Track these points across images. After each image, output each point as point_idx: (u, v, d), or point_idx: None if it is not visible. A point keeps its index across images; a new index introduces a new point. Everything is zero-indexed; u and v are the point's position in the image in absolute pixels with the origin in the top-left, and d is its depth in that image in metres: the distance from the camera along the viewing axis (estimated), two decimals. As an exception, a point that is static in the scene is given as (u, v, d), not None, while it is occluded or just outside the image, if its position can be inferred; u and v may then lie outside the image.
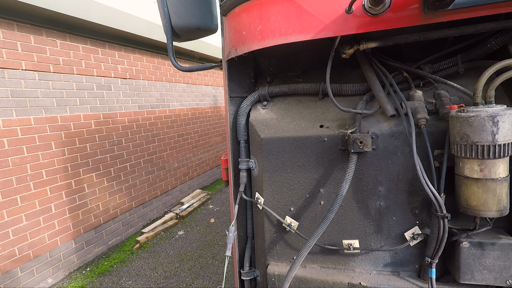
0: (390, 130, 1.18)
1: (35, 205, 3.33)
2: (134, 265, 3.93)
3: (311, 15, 1.08)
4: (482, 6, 0.96)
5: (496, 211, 1.00)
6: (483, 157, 0.97)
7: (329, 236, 1.35)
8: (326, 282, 1.32)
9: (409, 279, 1.24)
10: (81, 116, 3.87)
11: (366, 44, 1.19)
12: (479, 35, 1.22)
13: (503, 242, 1.06)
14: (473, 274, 1.10)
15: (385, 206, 1.24)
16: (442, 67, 1.27)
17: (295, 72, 1.55)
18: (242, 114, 1.47)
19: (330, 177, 1.30)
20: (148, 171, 5.11)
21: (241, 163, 1.48)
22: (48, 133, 3.46)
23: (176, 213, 5.35)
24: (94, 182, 4.09)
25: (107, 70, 4.29)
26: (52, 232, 3.52)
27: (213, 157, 7.50)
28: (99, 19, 3.76)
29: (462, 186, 1.06)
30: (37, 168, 3.35)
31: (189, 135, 6.39)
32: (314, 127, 1.31)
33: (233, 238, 1.40)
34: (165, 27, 1.47)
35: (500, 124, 0.93)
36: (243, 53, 1.26)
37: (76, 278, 3.66)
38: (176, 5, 1.43)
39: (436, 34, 1.11)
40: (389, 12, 1.01)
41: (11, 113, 3.09)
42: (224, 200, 6.10)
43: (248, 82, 1.56)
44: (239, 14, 1.26)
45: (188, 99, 6.37)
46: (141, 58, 4.98)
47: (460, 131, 1.00)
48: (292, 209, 1.38)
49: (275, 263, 1.47)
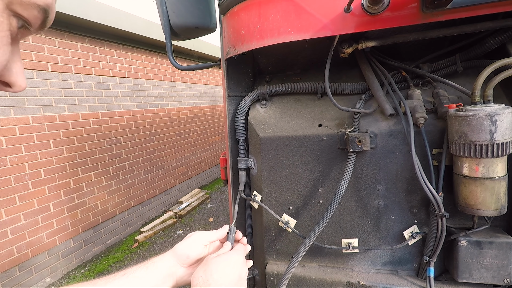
0: (389, 129, 1.19)
1: (34, 204, 3.32)
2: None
3: (310, 14, 1.08)
4: (480, 5, 0.96)
5: (494, 210, 1.01)
6: (481, 156, 0.97)
7: (328, 235, 1.35)
8: (325, 281, 1.32)
9: (408, 278, 1.24)
10: (79, 115, 3.86)
11: (364, 43, 1.19)
12: (478, 34, 1.22)
13: (501, 241, 1.07)
14: (471, 272, 1.10)
15: (383, 205, 1.25)
16: (440, 66, 1.28)
17: (294, 71, 1.55)
18: (241, 113, 1.47)
19: (328, 176, 1.30)
20: (146, 170, 5.10)
21: (240, 162, 1.48)
22: (46, 132, 3.45)
23: (175, 212, 5.35)
24: (93, 181, 4.08)
25: (105, 69, 4.28)
26: (50, 231, 3.51)
27: (212, 156, 7.50)
28: (97, 18, 3.75)
29: (461, 185, 1.06)
30: (35, 167, 3.34)
31: (187, 134, 6.38)
32: (313, 126, 1.31)
33: (233, 238, 1.40)
34: (164, 26, 1.46)
35: (498, 123, 0.93)
36: (242, 52, 1.25)
37: (74, 277, 3.65)
38: (175, 4, 1.43)
39: (435, 33, 1.11)
40: (388, 11, 1.01)
41: (9, 112, 3.08)
42: (223, 199, 6.10)
43: (247, 81, 1.56)
44: (238, 13, 1.26)
45: (186, 98, 6.36)
46: (139, 57, 4.97)
47: (458, 130, 1.01)
48: (291, 208, 1.38)
49: (274, 262, 1.47)
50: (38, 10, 0.37)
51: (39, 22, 0.39)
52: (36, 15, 0.38)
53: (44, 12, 0.38)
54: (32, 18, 0.37)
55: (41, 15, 0.38)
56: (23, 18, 0.37)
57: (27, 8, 0.36)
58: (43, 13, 0.38)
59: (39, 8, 0.37)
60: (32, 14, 0.37)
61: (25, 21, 0.37)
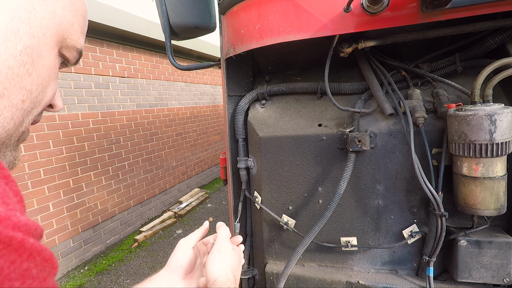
0: (388, 129, 1.19)
1: (33, 204, 3.32)
2: (132, 264, 3.93)
3: (309, 13, 1.08)
4: (479, 5, 0.96)
5: (494, 209, 1.01)
6: (480, 155, 0.97)
7: (328, 235, 1.35)
8: (325, 280, 1.32)
9: (407, 278, 1.24)
10: (79, 115, 3.86)
11: (364, 43, 1.19)
12: (477, 34, 1.22)
13: (500, 241, 1.07)
14: (470, 272, 1.10)
15: (383, 205, 1.25)
16: (440, 66, 1.28)
17: (294, 70, 1.55)
18: (241, 112, 1.46)
19: (328, 176, 1.30)
20: (146, 170, 5.10)
21: (240, 162, 1.48)
22: (46, 132, 3.45)
23: (175, 212, 5.35)
24: (92, 181, 4.08)
25: (105, 68, 4.27)
26: (50, 231, 3.51)
27: (212, 156, 7.49)
28: (97, 18, 3.74)
29: (460, 184, 1.06)
30: (35, 167, 3.34)
31: (187, 134, 6.38)
32: (312, 126, 1.31)
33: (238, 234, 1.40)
34: (163, 25, 1.46)
35: (498, 122, 0.93)
36: (241, 52, 1.25)
37: (74, 277, 3.65)
38: (174, 4, 1.43)
39: (434, 33, 1.11)
40: (387, 10, 1.01)
41: (8, 112, 3.07)
42: (222, 199, 6.10)
43: (246, 81, 1.56)
44: (237, 12, 1.26)
45: (186, 97, 6.36)
46: (139, 56, 4.96)
47: (458, 129, 1.01)
48: (291, 207, 1.38)
49: (273, 262, 1.47)
50: (77, 52, 0.49)
51: (75, 61, 0.50)
52: (75, 55, 0.49)
53: (80, 53, 0.50)
54: (71, 58, 0.48)
55: (77, 55, 0.50)
56: (65, 58, 0.47)
57: (70, 50, 0.47)
58: (79, 54, 0.50)
59: (77, 50, 0.49)
60: (72, 55, 0.48)
61: (65, 60, 0.48)
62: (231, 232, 0.88)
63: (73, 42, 0.46)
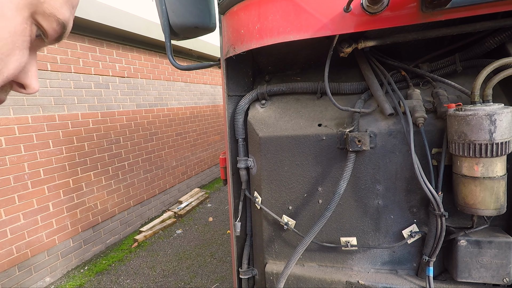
0: (388, 128, 1.19)
1: (33, 204, 3.32)
2: (132, 263, 3.93)
3: (309, 13, 1.08)
4: (479, 5, 0.96)
5: (494, 209, 1.01)
6: (480, 155, 0.97)
7: (327, 235, 1.35)
8: (324, 280, 1.32)
9: (407, 277, 1.24)
10: (79, 115, 3.86)
11: (364, 43, 1.19)
12: (477, 34, 1.22)
13: (500, 241, 1.07)
14: (470, 272, 1.11)
15: (383, 205, 1.25)
16: (440, 66, 1.28)
17: (294, 70, 1.55)
18: (240, 112, 1.46)
19: (328, 176, 1.30)
20: (146, 170, 5.10)
21: (240, 161, 1.48)
22: (45, 132, 3.45)
23: (175, 212, 5.35)
24: (92, 181, 4.08)
25: (104, 68, 4.27)
26: (50, 231, 3.51)
27: (212, 155, 7.49)
28: (97, 18, 3.74)
29: (460, 184, 1.06)
30: (35, 167, 3.34)
31: (187, 134, 6.38)
32: (312, 126, 1.31)
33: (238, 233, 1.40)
34: (163, 25, 1.46)
35: (498, 122, 0.94)
36: (241, 52, 1.25)
37: (74, 277, 3.65)
38: (174, 4, 1.43)
39: (434, 33, 1.11)
40: (387, 10, 1.01)
41: (8, 112, 3.07)
42: (222, 199, 6.10)
43: (246, 81, 1.56)
44: (237, 12, 1.26)
45: (186, 97, 6.36)
46: (139, 56, 4.96)
47: (457, 129, 1.01)
48: (291, 207, 1.38)
49: (273, 262, 1.47)
50: (57, 23, 0.39)
51: (56, 35, 0.41)
52: (55, 28, 0.39)
53: (62, 26, 0.40)
54: (50, 30, 0.39)
55: (59, 29, 0.40)
56: (42, 29, 0.38)
57: (48, 19, 0.38)
58: (61, 27, 0.40)
59: (59, 21, 0.39)
60: (51, 26, 0.39)
61: (42, 32, 0.39)
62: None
63: (51, 8, 0.37)
